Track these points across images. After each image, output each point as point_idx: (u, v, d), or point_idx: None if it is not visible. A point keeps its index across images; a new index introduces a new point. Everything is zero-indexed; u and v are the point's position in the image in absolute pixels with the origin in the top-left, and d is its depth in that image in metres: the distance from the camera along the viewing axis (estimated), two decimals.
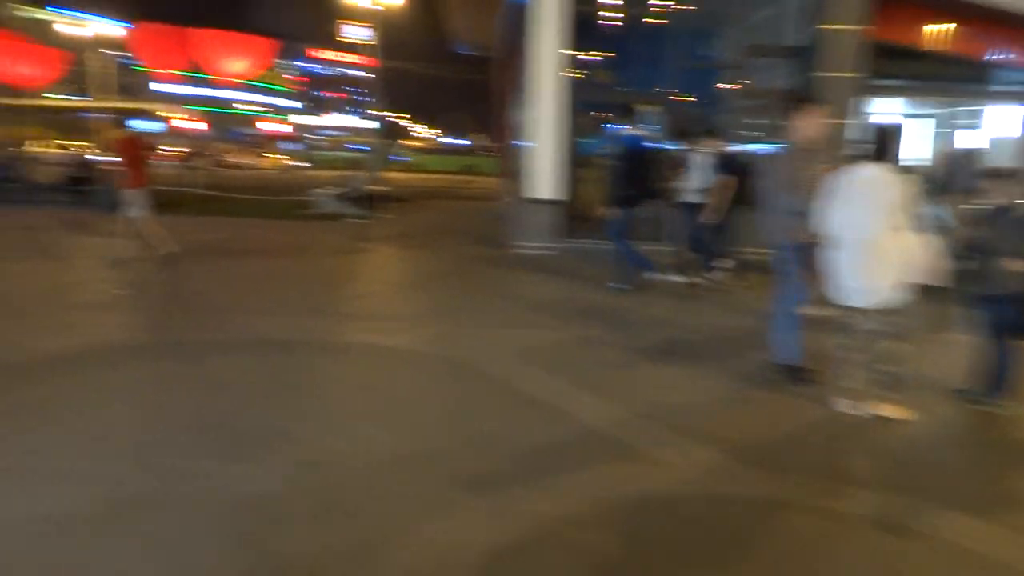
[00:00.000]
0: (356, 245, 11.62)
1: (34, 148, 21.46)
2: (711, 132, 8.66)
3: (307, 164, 44.58)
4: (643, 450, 3.84)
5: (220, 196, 16.69)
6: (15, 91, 21.26)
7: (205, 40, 16.66)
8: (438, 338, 5.96)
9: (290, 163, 41.97)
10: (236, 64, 16.65)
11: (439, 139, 73.30)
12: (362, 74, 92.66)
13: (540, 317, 6.86)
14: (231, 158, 39.95)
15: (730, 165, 8.27)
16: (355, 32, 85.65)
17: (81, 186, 16.88)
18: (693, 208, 8.33)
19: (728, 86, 12.12)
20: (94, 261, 9.17)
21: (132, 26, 17.66)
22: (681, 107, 11.53)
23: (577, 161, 11.05)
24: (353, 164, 42.06)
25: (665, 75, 11.74)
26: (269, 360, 5.25)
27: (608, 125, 8.63)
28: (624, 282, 8.05)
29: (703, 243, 8.46)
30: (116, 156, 9.14)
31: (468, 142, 63.63)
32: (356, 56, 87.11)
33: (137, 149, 9.01)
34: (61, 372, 4.87)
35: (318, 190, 17.76)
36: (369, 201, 17.72)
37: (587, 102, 11.27)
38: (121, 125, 9.55)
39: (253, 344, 5.63)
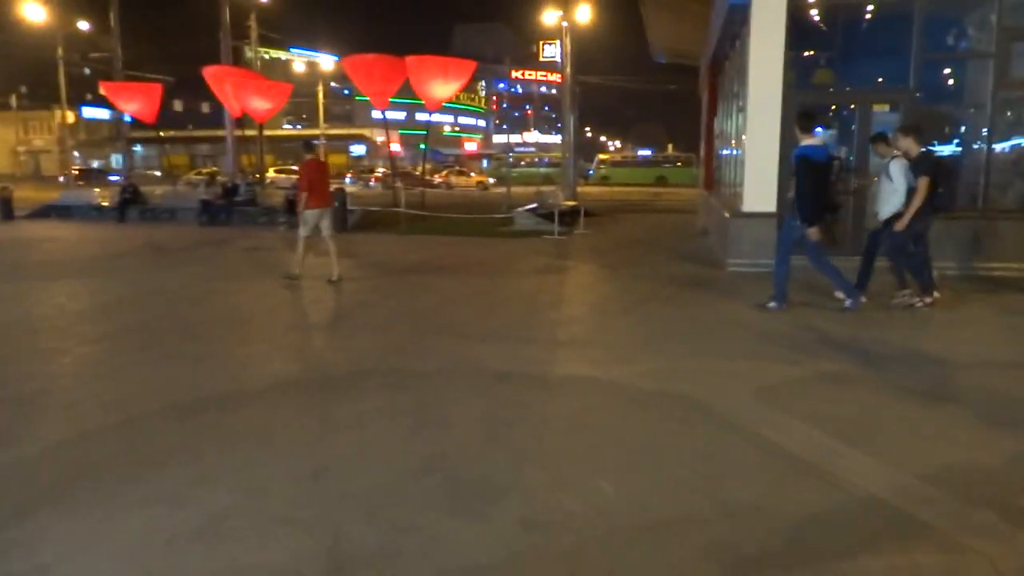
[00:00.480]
0: (557, 263, 11.32)
1: (266, 175, 23.52)
2: (908, 131, 7.48)
3: (504, 181, 45.61)
4: (943, 531, 3.04)
5: (422, 215, 17.16)
6: (252, 124, 23.41)
7: (415, 66, 17.28)
8: (660, 372, 5.39)
9: (488, 181, 43.12)
10: (443, 88, 17.08)
11: (630, 151, 72.43)
12: (554, 91, 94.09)
13: (770, 347, 6.08)
14: (433, 177, 41.68)
15: (925, 166, 7.19)
16: (547, 51, 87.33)
17: None
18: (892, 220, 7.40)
19: (976, 78, 10.54)
20: (309, 281, 9.49)
21: (347, 57, 18.64)
22: (918, 106, 10.13)
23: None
24: (547, 180, 42.48)
25: (898, 70, 10.38)
26: (485, 393, 4.94)
27: (820, 129, 7.92)
28: (854, 298, 7.28)
29: (898, 256, 7.54)
30: (299, 178, 9.41)
31: (657, 152, 62.20)
32: (548, 73, 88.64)
33: (318, 172, 9.22)
34: (279, 400, 4.87)
35: (517, 208, 17.84)
36: (566, 217, 17.53)
37: (807, 105, 10.22)
38: (308, 150, 9.84)
39: (467, 374, 5.37)
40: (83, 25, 39.34)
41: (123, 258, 12.23)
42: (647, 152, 60.44)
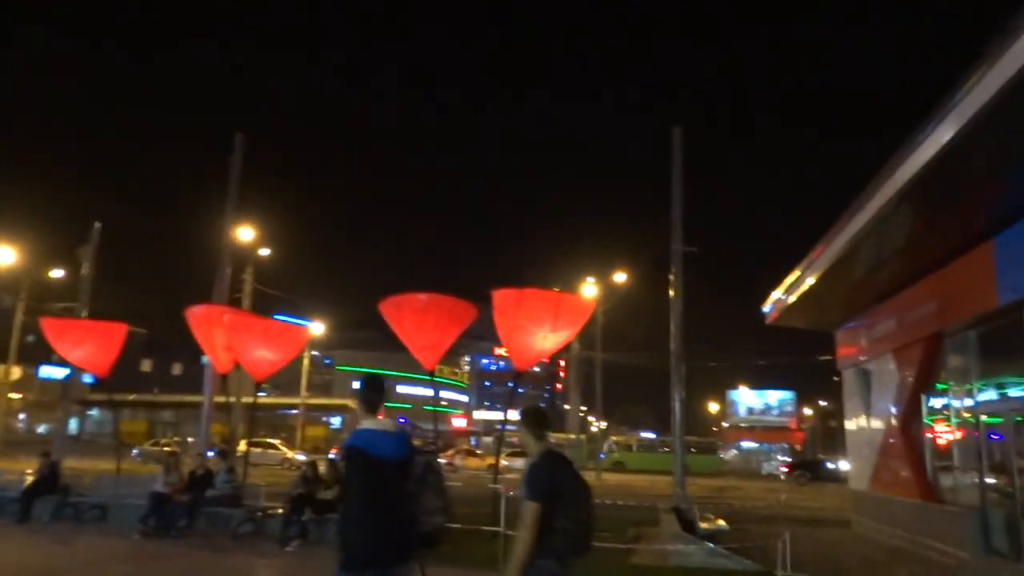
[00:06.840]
0: None
1: (247, 450, 16.41)
2: (522, 418, 4.09)
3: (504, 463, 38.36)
4: None
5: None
6: (232, 387, 16.90)
7: (507, 304, 11.36)
8: None
9: (504, 463, 35.61)
10: (551, 337, 10.98)
11: (627, 433, 65.90)
12: (536, 369, 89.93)
13: None
14: (441, 458, 34.27)
15: (535, 480, 3.74)
16: None
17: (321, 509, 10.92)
18: None
19: None
20: None
21: (390, 298, 12.48)
22: None
23: None
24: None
25: None
26: None
27: None
28: None
29: None
30: None
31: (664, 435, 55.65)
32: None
33: None
34: None
35: (670, 533, 11.00)
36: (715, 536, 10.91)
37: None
38: None
39: None
40: (56, 273, 33.70)
41: None
42: (650, 435, 54.08)
